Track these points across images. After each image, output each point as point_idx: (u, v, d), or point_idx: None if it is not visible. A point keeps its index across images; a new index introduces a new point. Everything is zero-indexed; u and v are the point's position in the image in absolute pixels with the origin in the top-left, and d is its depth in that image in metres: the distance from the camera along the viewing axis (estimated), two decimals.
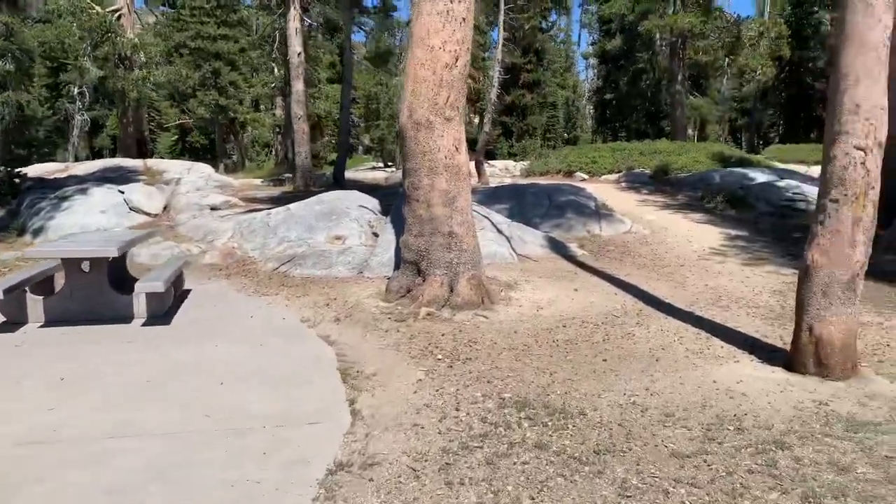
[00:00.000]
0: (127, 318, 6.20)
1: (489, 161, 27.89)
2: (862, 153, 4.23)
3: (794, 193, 14.65)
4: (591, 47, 45.31)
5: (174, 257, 8.97)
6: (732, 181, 15.88)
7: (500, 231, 9.34)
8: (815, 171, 19.29)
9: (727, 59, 29.44)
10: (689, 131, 33.33)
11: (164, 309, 6.39)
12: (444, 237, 6.52)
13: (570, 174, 20.18)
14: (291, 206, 10.20)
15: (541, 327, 5.98)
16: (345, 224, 9.36)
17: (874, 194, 4.28)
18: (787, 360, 4.75)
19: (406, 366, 4.83)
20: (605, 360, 5.06)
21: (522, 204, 12.17)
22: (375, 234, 9.13)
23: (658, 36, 28.71)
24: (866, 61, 4.20)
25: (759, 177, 16.26)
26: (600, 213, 11.94)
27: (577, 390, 4.36)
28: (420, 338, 5.57)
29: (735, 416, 3.87)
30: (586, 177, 19.70)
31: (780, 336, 5.72)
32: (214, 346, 5.27)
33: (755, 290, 7.60)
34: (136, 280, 6.67)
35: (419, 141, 6.47)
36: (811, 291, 4.43)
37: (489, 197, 12.54)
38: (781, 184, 15.27)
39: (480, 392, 4.28)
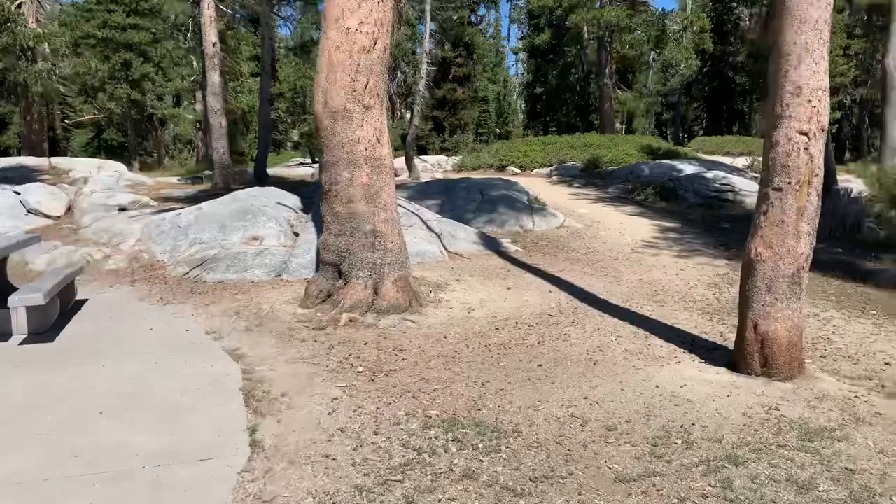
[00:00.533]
0: (4, 335, 5.41)
1: (421, 156, 27.41)
2: (805, 138, 3.97)
3: (721, 184, 14.79)
4: (520, 42, 45.43)
5: (70, 264, 8.11)
6: (661, 173, 15.94)
7: (429, 228, 8.89)
8: (740, 162, 19.70)
9: (653, 53, 29.90)
10: (617, 125, 33.74)
11: (48, 324, 5.63)
12: (367, 236, 6.01)
13: (502, 168, 19.93)
14: (204, 204, 9.45)
15: (472, 331, 5.55)
16: (262, 223, 8.69)
17: (818, 182, 4.03)
18: (731, 359, 4.47)
19: (322, 382, 4.31)
20: (540, 366, 4.68)
21: (454, 199, 11.76)
22: (296, 234, 8.51)
23: (586, 30, 28.87)
24: (807, 40, 3.94)
25: (687, 168, 16.39)
26: (533, 207, 11.66)
27: (511, 402, 3.95)
28: (340, 348, 5.05)
29: (682, 426, 3.53)
30: (518, 171, 19.50)
31: (719, 332, 5.49)
32: (101, 367, 4.60)
33: (690, 284, 7.42)
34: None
35: (336, 131, 5.93)
36: (755, 286, 4.15)
37: (419, 192, 12.08)
38: (709, 175, 15.41)
39: (404, 410, 3.81)
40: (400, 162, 20.88)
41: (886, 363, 4.62)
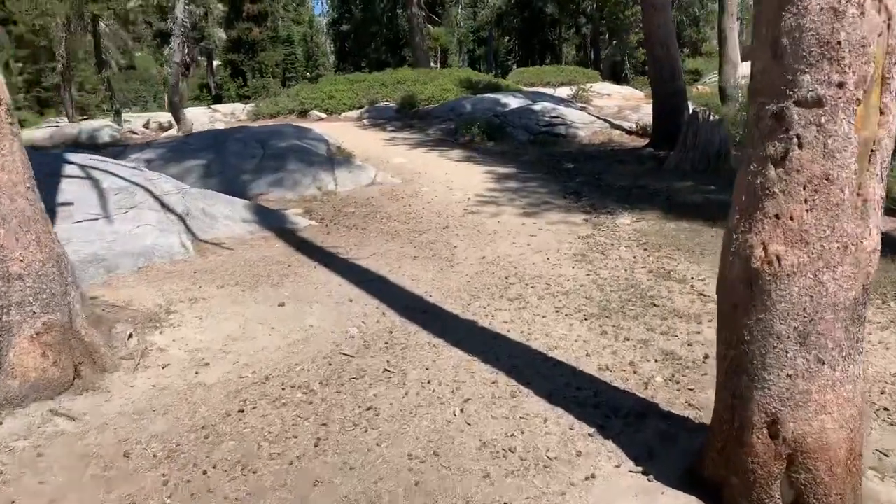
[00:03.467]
0: None
1: (213, 105, 23.28)
2: None
3: (551, 118, 12.99)
4: None
5: None
6: (485, 109, 13.90)
7: (167, 207, 5.82)
8: (563, 92, 18.14)
9: None
10: (432, 63, 31.43)
11: None
12: None
13: (304, 114, 16.78)
14: None
15: (190, 424, 2.84)
16: None
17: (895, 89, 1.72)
18: (694, 465, 2.15)
19: None
20: None
21: (224, 157, 8.66)
22: None
23: None
24: None
25: (512, 102, 14.50)
26: (335, 160, 8.90)
27: None
28: None
29: None
30: (324, 115, 16.51)
31: (629, 363, 3.24)
32: None
33: (551, 260, 5.20)
34: None
35: None
36: (770, 334, 1.80)
37: (172, 151, 8.78)
38: (537, 108, 13.57)
39: None
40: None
41: None
